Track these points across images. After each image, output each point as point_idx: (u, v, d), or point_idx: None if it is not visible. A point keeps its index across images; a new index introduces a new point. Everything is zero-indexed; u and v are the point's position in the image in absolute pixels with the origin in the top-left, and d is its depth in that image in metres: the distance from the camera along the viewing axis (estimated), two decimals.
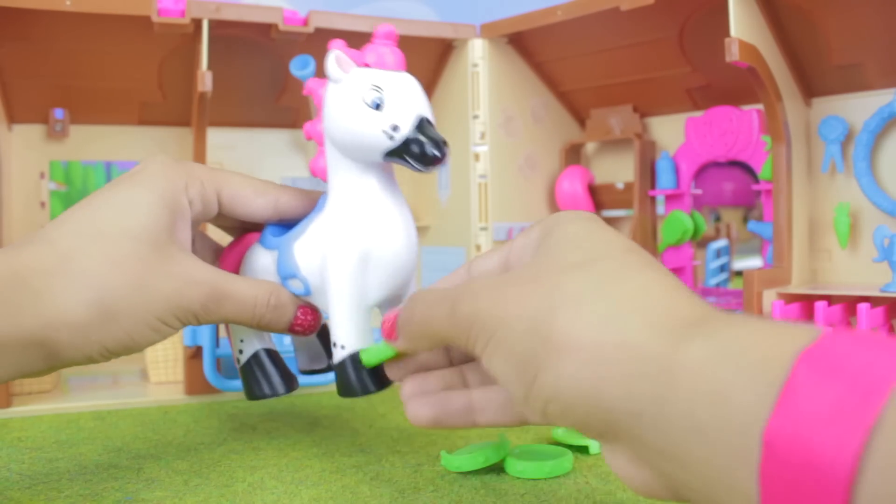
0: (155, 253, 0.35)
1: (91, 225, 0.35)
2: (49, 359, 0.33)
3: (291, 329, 0.39)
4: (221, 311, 0.37)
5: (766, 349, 0.21)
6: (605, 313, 0.25)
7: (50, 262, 0.33)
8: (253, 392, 0.42)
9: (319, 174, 0.40)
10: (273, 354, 0.43)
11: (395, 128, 0.35)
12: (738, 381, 0.21)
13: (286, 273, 0.39)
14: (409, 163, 0.35)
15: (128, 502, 0.36)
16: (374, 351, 0.36)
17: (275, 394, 0.42)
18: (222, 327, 0.44)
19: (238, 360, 0.43)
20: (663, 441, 0.23)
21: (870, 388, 0.18)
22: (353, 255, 0.36)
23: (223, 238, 0.44)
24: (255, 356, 0.42)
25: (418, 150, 0.35)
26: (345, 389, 0.37)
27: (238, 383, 0.55)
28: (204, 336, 0.54)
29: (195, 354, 0.56)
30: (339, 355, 0.37)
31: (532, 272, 0.29)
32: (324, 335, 0.44)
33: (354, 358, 0.37)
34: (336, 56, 0.36)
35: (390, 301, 0.39)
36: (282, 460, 0.43)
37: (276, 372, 0.42)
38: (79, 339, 0.33)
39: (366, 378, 0.37)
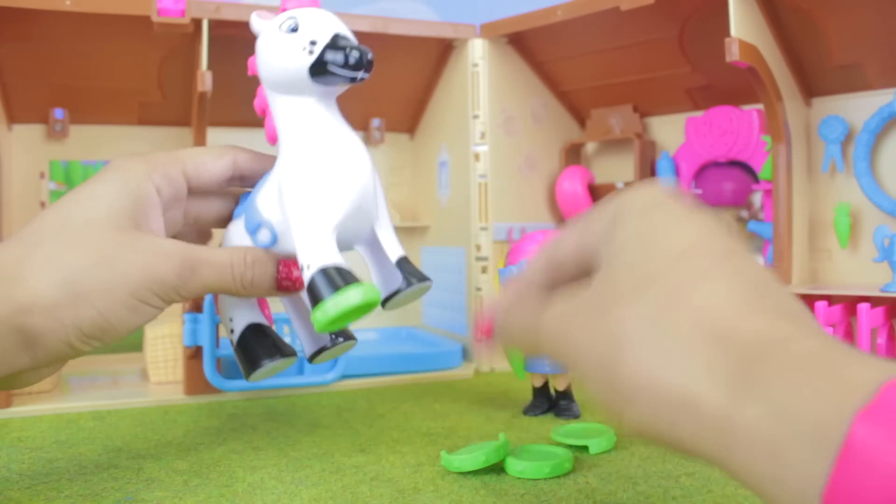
0: (119, 235, 0.35)
1: (56, 219, 0.36)
2: (28, 347, 0.33)
3: (279, 285, 0.39)
4: (200, 279, 0.36)
5: (822, 410, 0.21)
6: (664, 355, 0.25)
7: (19, 253, 0.34)
8: (252, 362, 0.40)
9: (272, 136, 0.40)
10: (265, 327, 0.42)
11: (312, 42, 0.36)
12: (795, 445, 0.21)
13: (252, 226, 0.39)
14: (336, 74, 0.36)
15: (128, 502, 0.36)
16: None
17: (272, 359, 0.40)
18: (223, 328, 0.43)
19: (232, 342, 0.42)
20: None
21: None
22: (303, 175, 0.36)
23: None
24: (248, 328, 0.41)
25: (340, 57, 0.35)
26: (321, 305, 0.34)
27: (238, 383, 0.55)
28: (204, 336, 0.54)
29: (195, 354, 0.56)
30: (307, 275, 0.35)
31: (595, 302, 0.28)
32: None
33: (325, 271, 0.34)
34: (256, 13, 0.39)
35: (359, 232, 0.38)
36: (282, 460, 0.42)
37: (271, 341, 0.41)
38: (52, 322, 0.33)
39: (339, 280, 0.34)
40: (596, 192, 0.72)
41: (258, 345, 0.41)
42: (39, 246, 0.34)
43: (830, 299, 0.51)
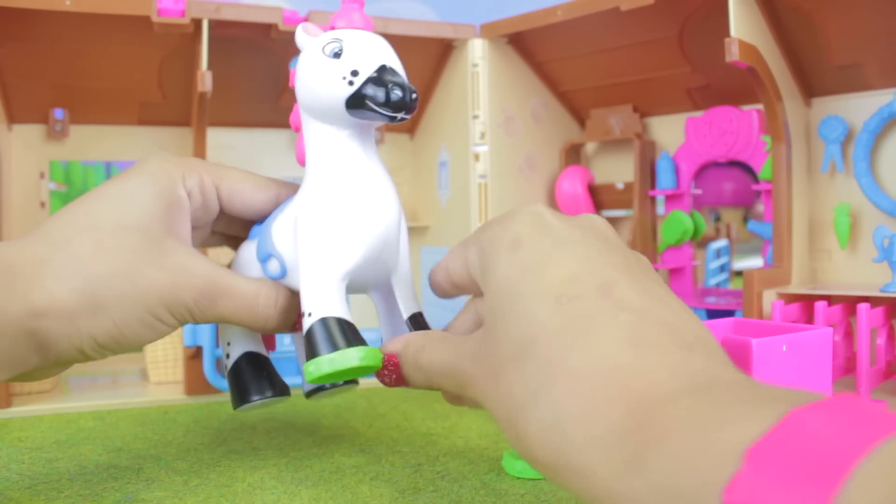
0: (147, 244, 0.34)
1: (86, 217, 0.35)
2: (40, 350, 0.33)
3: (295, 327, 0.38)
4: (217, 309, 0.35)
5: (693, 487, 0.20)
6: (552, 428, 0.24)
7: (41, 251, 0.33)
8: (241, 395, 0.39)
9: (302, 158, 0.39)
10: (262, 359, 0.40)
11: (354, 73, 0.33)
12: (702, 450, 0.20)
13: (263, 254, 0.37)
14: (374, 111, 0.33)
15: (128, 502, 0.36)
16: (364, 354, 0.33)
17: (262, 396, 0.38)
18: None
19: (226, 366, 0.40)
20: None
21: (827, 473, 0.17)
22: (321, 214, 0.34)
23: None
24: (244, 357, 0.39)
25: (382, 94, 0.33)
26: (316, 360, 0.32)
27: None
28: (204, 336, 0.54)
29: (195, 354, 0.56)
30: (307, 323, 0.33)
31: (489, 362, 0.28)
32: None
33: (325, 322, 0.33)
34: (303, 26, 0.36)
35: (374, 281, 0.36)
36: (282, 460, 0.42)
37: (265, 375, 0.39)
38: (67, 328, 0.32)
39: (339, 336, 0.33)
40: (596, 193, 0.72)
41: (251, 378, 0.39)
42: (64, 246, 0.33)
43: (830, 299, 0.51)
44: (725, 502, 0.19)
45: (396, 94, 0.33)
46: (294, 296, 0.37)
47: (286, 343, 0.56)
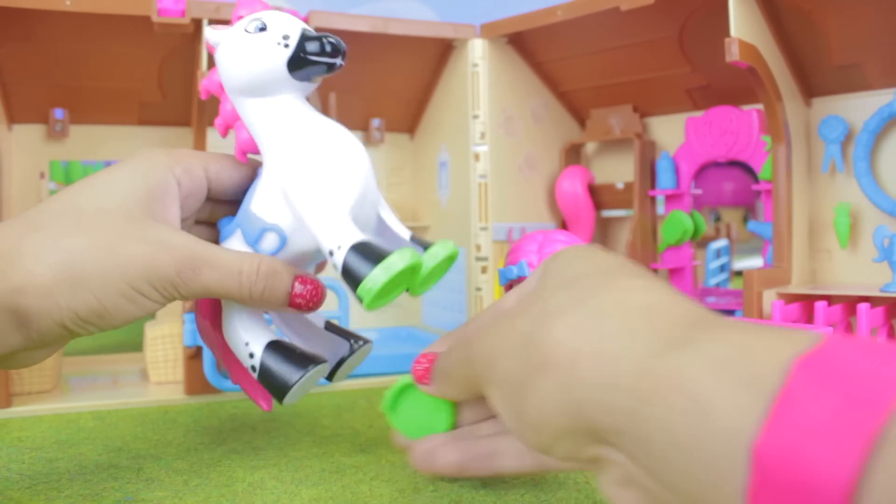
0: (127, 222, 0.34)
1: (68, 203, 0.35)
2: (21, 327, 0.33)
3: (292, 301, 0.36)
4: (201, 280, 0.35)
5: (759, 357, 0.20)
6: (584, 321, 0.25)
7: (20, 232, 0.33)
8: (284, 382, 0.37)
9: (248, 147, 0.39)
10: (286, 343, 0.38)
11: (285, 37, 0.36)
12: (723, 393, 0.19)
13: (254, 234, 0.37)
14: (317, 62, 0.36)
15: (128, 502, 0.36)
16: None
17: (305, 371, 0.37)
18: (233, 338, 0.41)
19: (253, 368, 0.38)
20: (645, 459, 0.22)
21: (871, 401, 0.17)
22: (309, 167, 0.36)
23: None
24: (269, 347, 0.38)
25: (317, 46, 0.36)
26: (366, 280, 0.33)
27: None
28: None
29: (195, 354, 0.56)
30: (340, 257, 0.34)
31: (525, 303, 0.29)
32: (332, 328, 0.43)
33: (358, 247, 0.34)
34: (209, 27, 0.39)
35: (368, 220, 0.38)
36: (282, 460, 0.42)
37: (297, 352, 0.38)
38: (47, 303, 0.32)
39: (376, 252, 0.33)
40: (596, 193, 0.72)
41: (286, 360, 0.37)
42: (43, 227, 0.34)
43: (830, 299, 0.51)
44: (795, 372, 0.18)
45: (330, 41, 0.36)
46: (281, 263, 0.36)
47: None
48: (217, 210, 0.41)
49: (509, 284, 0.50)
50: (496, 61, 0.68)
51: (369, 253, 0.33)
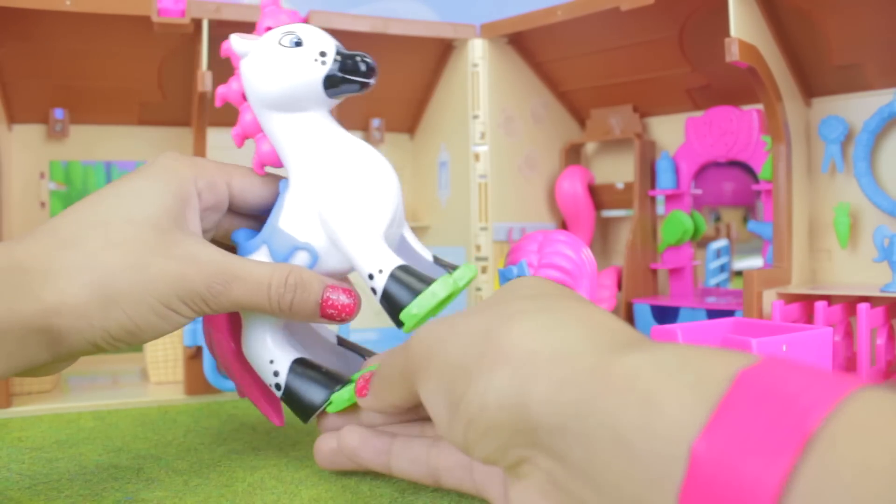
0: (157, 236, 0.34)
1: (94, 214, 0.35)
2: (52, 345, 0.33)
3: (323, 312, 0.37)
4: (231, 294, 0.35)
5: (707, 364, 0.21)
6: (545, 325, 0.26)
7: (51, 249, 0.33)
8: (311, 403, 0.37)
9: (269, 160, 0.39)
10: (311, 362, 0.39)
11: (322, 54, 0.36)
12: (672, 391, 0.20)
13: (284, 252, 0.37)
14: (349, 81, 0.36)
15: (128, 502, 0.36)
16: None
17: (330, 393, 0.37)
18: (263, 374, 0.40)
19: (279, 386, 0.38)
20: (584, 457, 0.22)
21: (803, 414, 0.17)
22: (344, 188, 0.36)
23: None
24: (294, 365, 0.38)
25: (352, 64, 0.36)
26: (400, 306, 0.34)
27: None
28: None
29: (195, 354, 0.56)
30: (381, 282, 0.35)
31: (483, 306, 0.30)
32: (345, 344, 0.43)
33: (399, 271, 0.35)
34: (236, 35, 0.38)
35: (394, 240, 0.38)
36: (282, 460, 0.42)
37: (322, 371, 0.38)
38: (80, 324, 0.32)
39: (415, 281, 0.35)
40: (596, 193, 0.72)
41: (313, 381, 0.38)
42: (73, 243, 0.33)
43: (830, 299, 0.51)
44: (740, 379, 0.19)
45: (366, 61, 0.36)
46: (311, 274, 0.37)
47: None
48: (236, 223, 0.41)
49: None
50: (496, 61, 0.68)
51: (412, 279, 0.35)
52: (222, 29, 0.58)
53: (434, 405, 0.29)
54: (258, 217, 0.41)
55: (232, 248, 0.40)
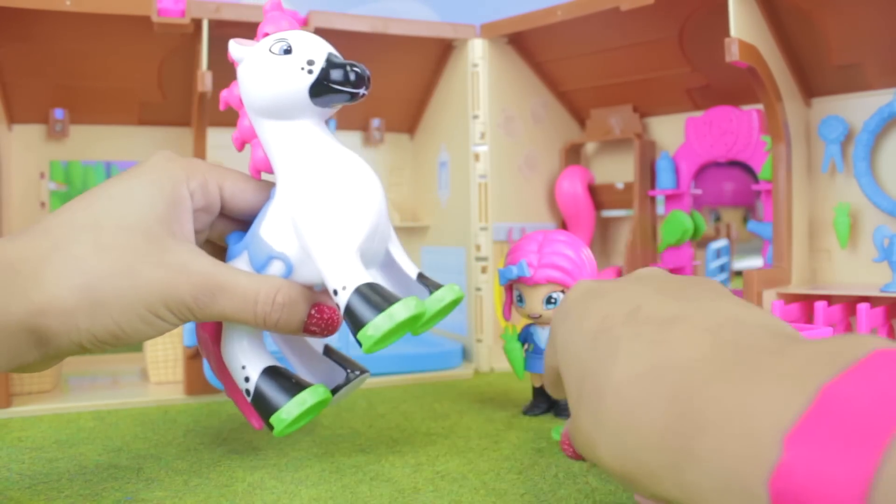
0: (148, 243, 0.34)
1: (87, 216, 0.35)
2: (40, 345, 0.33)
3: (306, 329, 0.37)
4: (216, 306, 0.35)
5: (742, 473, 0.21)
6: (612, 444, 0.25)
7: (42, 249, 0.33)
8: (275, 409, 0.37)
9: (264, 166, 0.39)
10: (283, 370, 0.38)
11: (310, 62, 0.35)
12: (772, 381, 0.21)
13: (261, 260, 0.37)
14: (337, 91, 0.35)
15: (128, 502, 0.36)
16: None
17: (291, 395, 0.37)
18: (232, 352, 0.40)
19: (248, 392, 0.38)
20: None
21: (878, 426, 0.18)
22: (320, 199, 0.35)
23: None
24: (265, 373, 0.38)
25: (341, 75, 0.35)
26: (367, 327, 0.33)
27: None
28: None
29: (195, 354, 0.56)
30: (343, 298, 0.34)
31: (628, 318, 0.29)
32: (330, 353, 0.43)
33: (363, 290, 0.33)
34: (234, 41, 0.37)
35: (376, 254, 0.37)
36: (282, 460, 0.42)
37: (293, 382, 0.38)
38: (67, 325, 0.33)
39: (380, 299, 0.33)
40: (596, 193, 0.72)
41: (280, 387, 0.37)
42: (65, 245, 0.34)
43: (830, 299, 0.51)
44: (772, 490, 0.19)
45: (356, 71, 0.36)
46: (300, 292, 0.37)
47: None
48: (230, 226, 0.41)
49: (509, 284, 0.50)
50: (496, 61, 0.68)
51: (374, 298, 0.33)
52: (222, 29, 0.58)
53: (576, 395, 0.29)
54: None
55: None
